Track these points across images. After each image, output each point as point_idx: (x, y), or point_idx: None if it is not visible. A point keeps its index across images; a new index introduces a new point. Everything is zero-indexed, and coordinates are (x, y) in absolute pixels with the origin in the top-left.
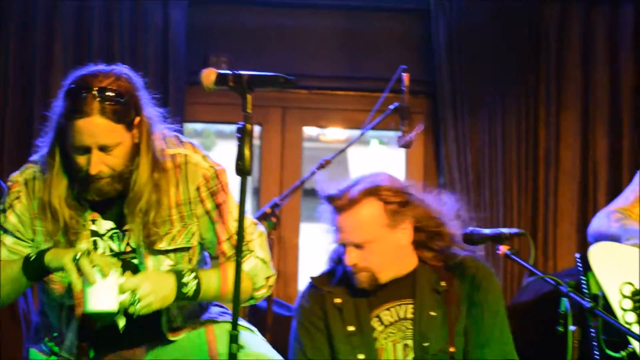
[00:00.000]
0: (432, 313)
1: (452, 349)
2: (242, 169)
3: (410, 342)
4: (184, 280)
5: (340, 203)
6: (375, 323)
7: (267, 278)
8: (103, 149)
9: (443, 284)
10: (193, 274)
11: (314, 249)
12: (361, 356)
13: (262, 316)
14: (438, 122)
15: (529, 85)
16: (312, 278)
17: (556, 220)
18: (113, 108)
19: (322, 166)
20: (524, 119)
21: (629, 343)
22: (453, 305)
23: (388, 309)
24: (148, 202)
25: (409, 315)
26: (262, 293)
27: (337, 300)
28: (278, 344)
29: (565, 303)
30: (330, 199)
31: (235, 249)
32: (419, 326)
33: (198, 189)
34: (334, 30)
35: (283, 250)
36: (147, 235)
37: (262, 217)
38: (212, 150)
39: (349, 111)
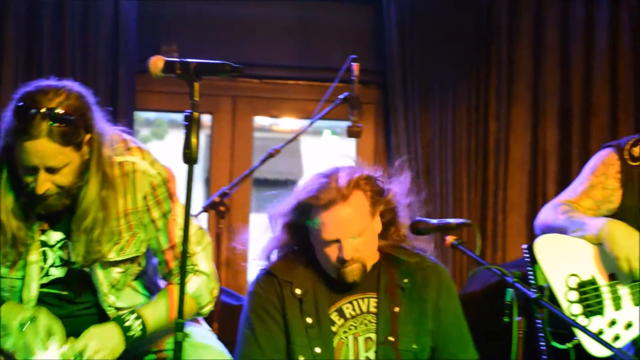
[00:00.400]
0: (396, 309)
1: (414, 346)
2: (190, 157)
3: (373, 336)
4: (126, 324)
5: (330, 197)
6: (334, 316)
7: (212, 291)
8: (50, 170)
9: (405, 280)
10: (134, 315)
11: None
12: (318, 350)
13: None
14: (388, 112)
15: (480, 77)
16: (270, 266)
17: (505, 211)
18: (61, 130)
19: (271, 155)
20: (474, 110)
21: (574, 335)
22: (416, 303)
23: (350, 302)
24: (94, 220)
25: (372, 309)
26: (208, 309)
27: (298, 291)
28: (225, 333)
29: (510, 293)
30: (315, 196)
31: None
32: (383, 321)
33: (145, 197)
34: (286, 20)
35: (233, 240)
36: (87, 252)
37: (211, 206)
38: (165, 139)
39: (301, 101)
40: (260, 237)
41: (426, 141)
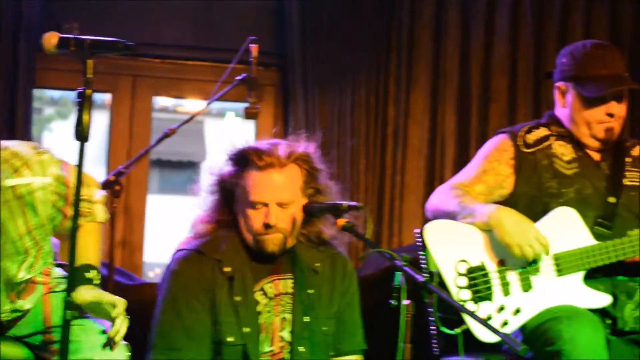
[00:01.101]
0: (310, 291)
1: (324, 328)
2: (81, 135)
3: (288, 316)
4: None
5: (270, 160)
6: (258, 296)
7: None
8: None
9: (318, 264)
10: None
11: (163, 220)
12: (246, 329)
13: (104, 285)
14: (288, 95)
15: (380, 61)
16: (198, 244)
17: (402, 196)
18: None
19: (166, 135)
20: (373, 95)
21: (463, 321)
22: (326, 286)
23: (271, 282)
24: None
25: (289, 290)
26: None
27: (227, 269)
28: None
29: (399, 277)
30: (258, 153)
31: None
32: (299, 301)
33: (54, 205)
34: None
35: (129, 220)
36: None
37: (106, 185)
38: (69, 118)
39: (203, 82)
40: (189, 214)
41: (325, 125)
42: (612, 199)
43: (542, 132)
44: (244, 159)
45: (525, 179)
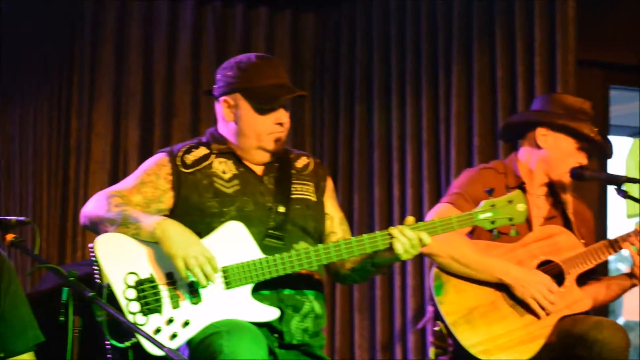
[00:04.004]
0: None
1: None
2: None
3: None
4: None
5: None
6: None
7: None
8: None
9: None
10: None
11: None
12: None
13: None
14: None
15: (64, 74)
16: None
17: None
18: None
19: None
20: (56, 108)
21: (133, 334)
22: None
23: None
24: None
25: None
26: None
27: None
28: None
29: (66, 292)
30: None
31: None
32: None
33: None
34: None
35: None
36: None
37: None
38: None
39: None
40: None
41: (7, 139)
42: (282, 209)
43: (202, 151)
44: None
45: (186, 199)
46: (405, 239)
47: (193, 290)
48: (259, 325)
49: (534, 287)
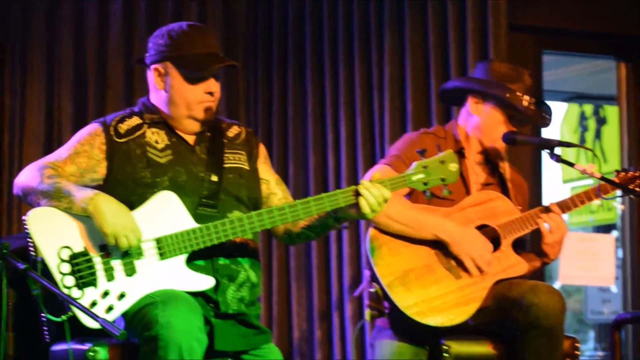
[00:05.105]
0: None
1: None
2: None
3: None
4: None
5: None
6: None
7: None
8: None
9: None
10: None
11: None
12: None
13: None
14: None
15: None
16: None
17: None
18: None
19: None
20: None
21: (69, 308)
22: None
23: None
24: None
25: None
26: None
27: None
28: None
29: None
30: None
31: None
32: None
33: None
34: None
35: None
36: None
37: None
38: None
39: None
40: None
41: None
42: (215, 178)
43: (135, 121)
44: None
45: (119, 169)
46: (372, 197)
47: (127, 263)
48: (195, 295)
49: (470, 244)
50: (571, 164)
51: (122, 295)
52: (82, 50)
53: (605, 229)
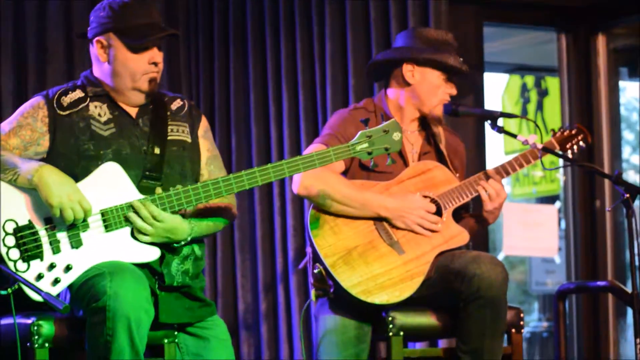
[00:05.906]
0: None
1: None
2: None
3: None
4: None
5: None
6: None
7: None
8: None
9: None
10: None
11: None
12: None
13: None
14: None
15: None
16: None
17: None
18: None
19: None
20: None
21: (14, 281)
22: None
23: None
24: None
25: None
26: None
27: None
28: None
29: None
30: None
31: None
32: None
33: None
34: None
35: None
36: None
37: None
38: None
39: None
40: None
41: None
42: (157, 150)
43: (78, 94)
44: None
45: (62, 142)
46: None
47: (73, 235)
48: (140, 267)
49: (413, 213)
50: (513, 135)
51: (68, 268)
52: (23, 28)
53: (549, 200)
